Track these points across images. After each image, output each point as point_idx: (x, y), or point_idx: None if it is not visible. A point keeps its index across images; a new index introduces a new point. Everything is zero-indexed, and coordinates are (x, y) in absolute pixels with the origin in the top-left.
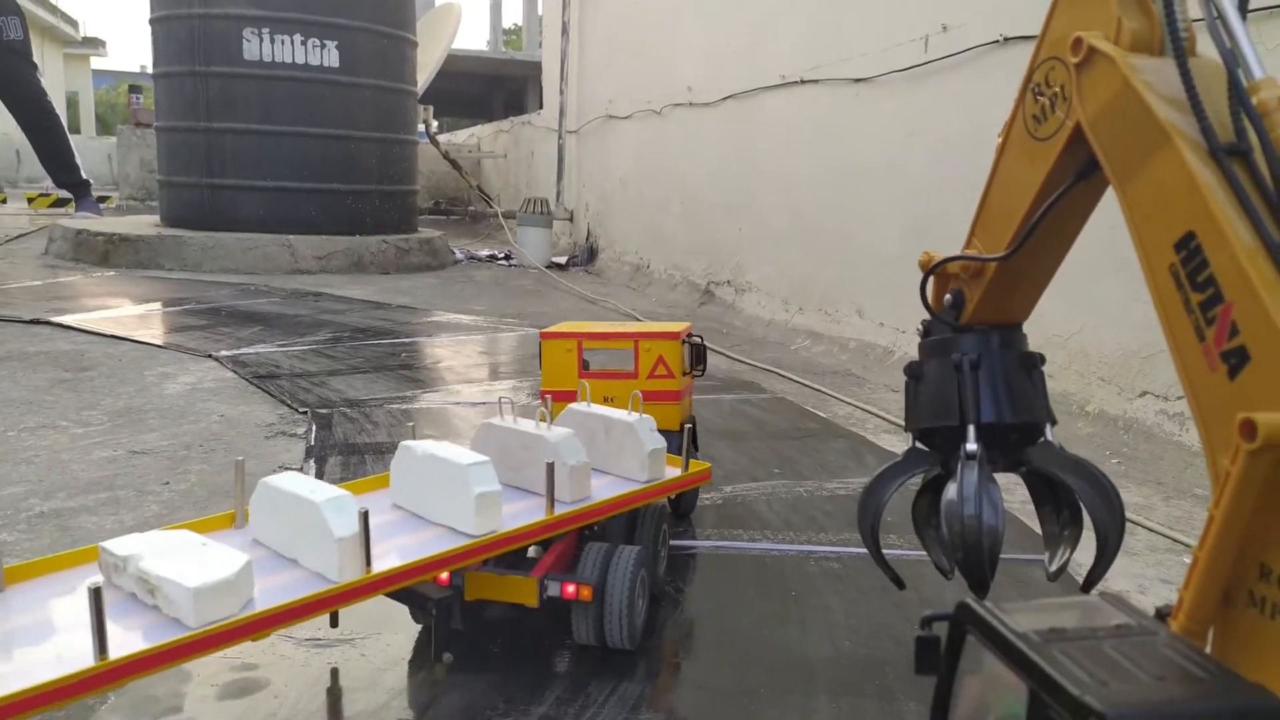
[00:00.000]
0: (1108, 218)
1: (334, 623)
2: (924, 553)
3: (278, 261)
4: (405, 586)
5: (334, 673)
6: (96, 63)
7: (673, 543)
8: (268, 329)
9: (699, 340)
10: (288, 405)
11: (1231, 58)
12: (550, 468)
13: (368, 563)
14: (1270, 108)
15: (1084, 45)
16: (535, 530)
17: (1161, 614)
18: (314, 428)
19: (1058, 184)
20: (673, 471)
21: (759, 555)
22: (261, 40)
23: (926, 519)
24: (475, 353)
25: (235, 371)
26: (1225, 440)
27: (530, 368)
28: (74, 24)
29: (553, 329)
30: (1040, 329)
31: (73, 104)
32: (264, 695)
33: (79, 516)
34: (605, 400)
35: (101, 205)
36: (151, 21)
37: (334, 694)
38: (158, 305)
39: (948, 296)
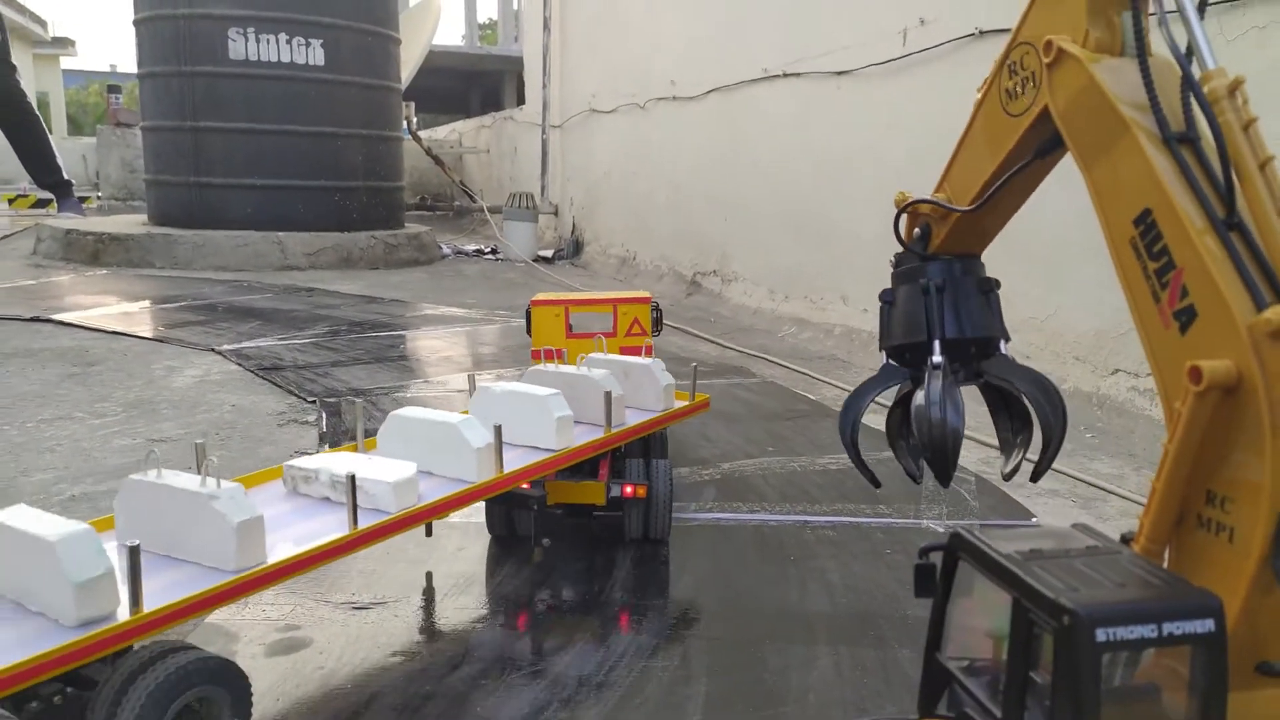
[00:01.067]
0: (1080, 207)
1: (429, 532)
2: (916, 520)
3: (268, 258)
4: (510, 490)
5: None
6: (66, 62)
7: (675, 515)
8: (266, 324)
9: (659, 307)
10: (296, 395)
11: (1181, 54)
12: (607, 396)
13: (500, 465)
14: (1219, 95)
15: (1054, 47)
16: (598, 445)
17: (1125, 538)
18: (324, 415)
19: (1021, 155)
20: (680, 404)
21: (758, 525)
22: (247, 39)
23: (898, 431)
24: (470, 343)
25: (240, 364)
26: (1177, 386)
27: (523, 357)
28: (43, 24)
29: (541, 297)
30: (1017, 312)
31: (43, 104)
32: (309, 652)
33: (108, 499)
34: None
35: (83, 205)
36: (136, 22)
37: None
38: (154, 302)
39: (917, 230)
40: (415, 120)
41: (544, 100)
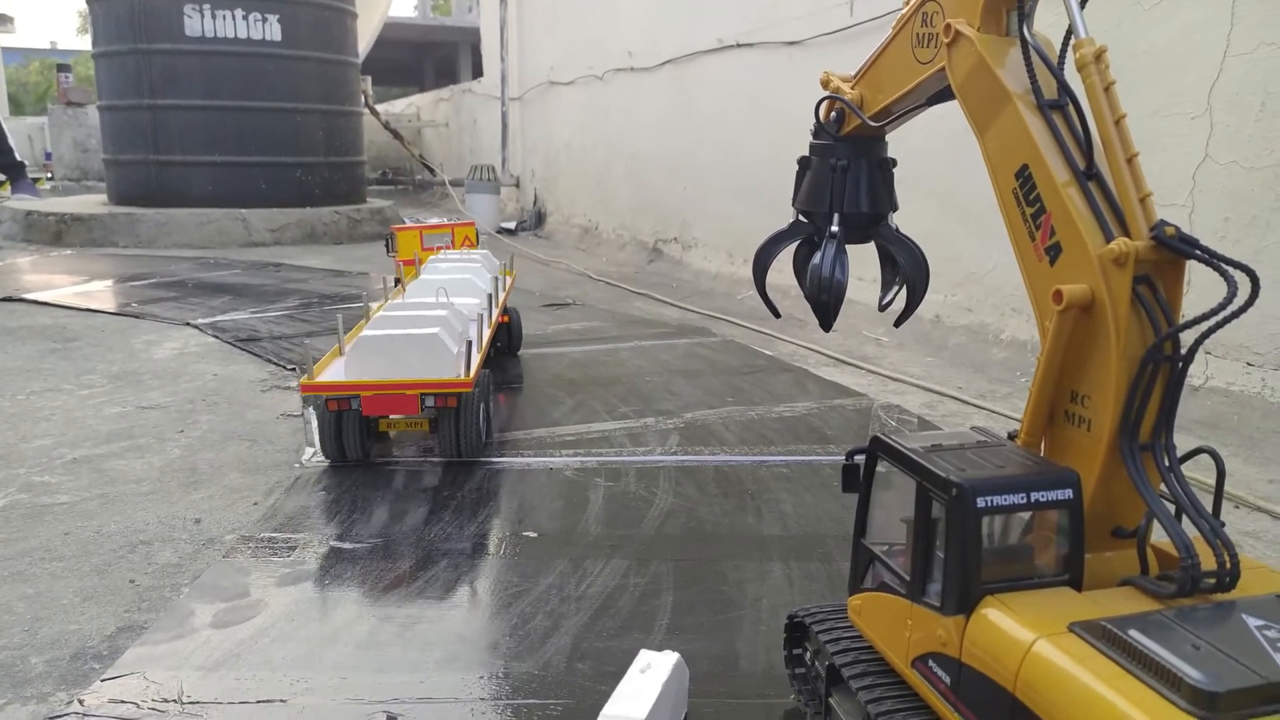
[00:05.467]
0: None
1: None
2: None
3: (232, 235)
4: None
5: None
6: (4, 40)
7: (641, 459)
8: (237, 298)
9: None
10: (275, 364)
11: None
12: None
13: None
14: (1086, 61)
15: (952, 29)
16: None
17: (1011, 435)
18: None
19: (918, 97)
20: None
21: (719, 465)
22: (203, 16)
23: (803, 269)
24: None
25: (216, 336)
26: (1047, 308)
27: None
28: None
29: (399, 226)
30: (959, 267)
31: None
32: (315, 582)
33: (109, 460)
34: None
35: (36, 186)
36: (90, 1)
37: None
38: (123, 280)
39: (833, 113)
40: (372, 94)
41: (503, 73)
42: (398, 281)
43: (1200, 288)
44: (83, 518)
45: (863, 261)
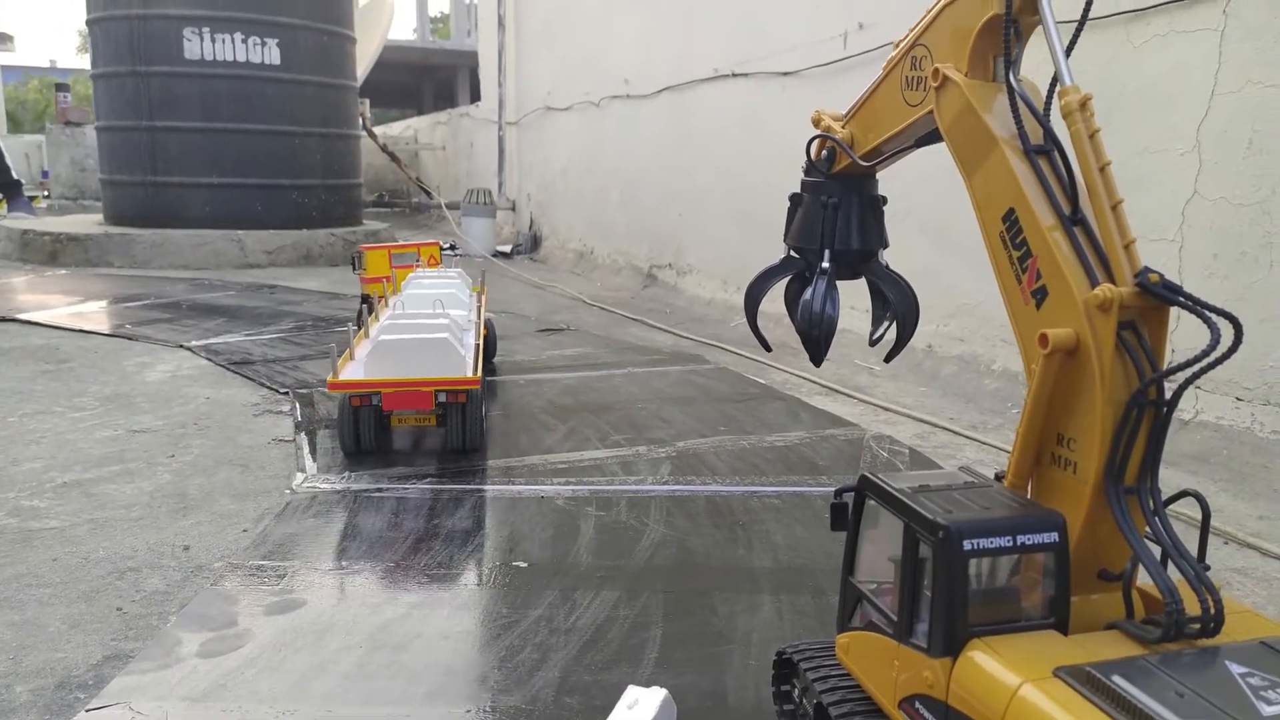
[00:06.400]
0: None
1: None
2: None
3: (227, 256)
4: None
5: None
6: (4, 58)
7: (633, 488)
8: (231, 320)
9: (454, 246)
10: (268, 387)
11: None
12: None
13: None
14: (1072, 108)
15: (940, 74)
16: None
17: (998, 476)
18: (298, 405)
19: (906, 139)
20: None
21: (710, 495)
22: (202, 39)
23: (794, 304)
24: None
25: (210, 359)
26: (1033, 351)
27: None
28: None
29: (366, 245)
30: (952, 299)
31: None
32: (304, 610)
33: (99, 485)
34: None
35: (33, 204)
36: (89, 22)
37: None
38: (117, 301)
39: (824, 151)
40: (370, 117)
41: (500, 97)
42: (365, 298)
43: (1193, 325)
44: (71, 543)
45: (857, 289)
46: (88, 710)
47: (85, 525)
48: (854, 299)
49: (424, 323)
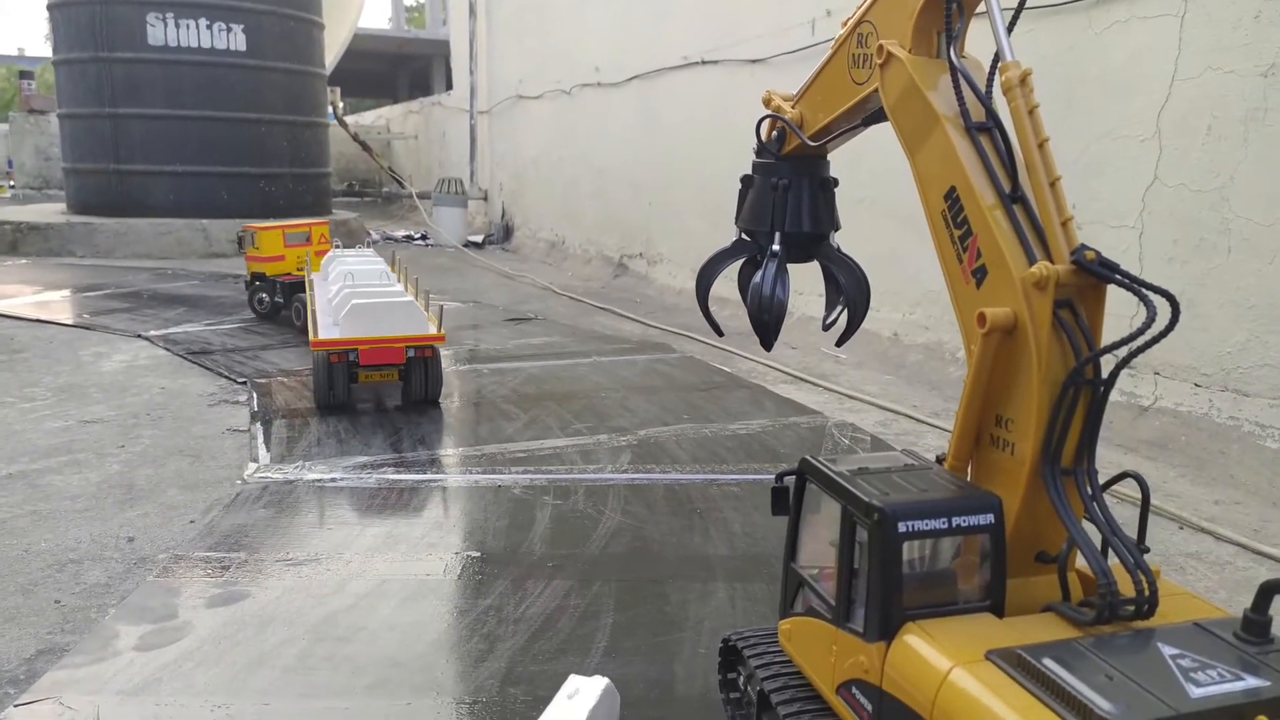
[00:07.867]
0: None
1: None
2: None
3: (192, 245)
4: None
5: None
6: None
7: (592, 476)
8: (192, 310)
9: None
10: (225, 377)
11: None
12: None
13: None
14: (1012, 84)
15: (885, 51)
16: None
17: (939, 458)
18: (255, 395)
19: (853, 118)
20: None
21: (669, 484)
22: (166, 25)
23: (746, 287)
24: None
25: (168, 349)
26: (972, 331)
27: (455, 336)
28: None
29: (257, 224)
30: (918, 286)
31: None
32: (248, 603)
33: (45, 476)
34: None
35: None
36: (50, 7)
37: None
38: (77, 290)
39: (775, 132)
40: (341, 105)
41: (471, 86)
42: (257, 278)
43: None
44: (12, 535)
45: (817, 273)
46: (16, 705)
47: (28, 517)
48: (816, 284)
49: (385, 288)
